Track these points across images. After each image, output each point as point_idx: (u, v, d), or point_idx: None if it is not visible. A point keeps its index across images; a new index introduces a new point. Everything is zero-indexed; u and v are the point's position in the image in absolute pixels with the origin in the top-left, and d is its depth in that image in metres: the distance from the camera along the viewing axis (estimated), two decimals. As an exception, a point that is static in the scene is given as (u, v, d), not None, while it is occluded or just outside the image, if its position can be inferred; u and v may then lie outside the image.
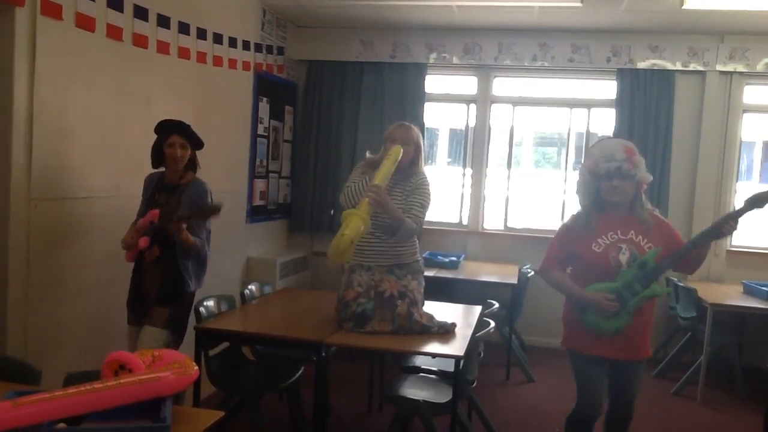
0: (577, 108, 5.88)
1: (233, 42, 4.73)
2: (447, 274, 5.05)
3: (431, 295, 3.55)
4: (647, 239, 2.84)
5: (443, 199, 5.96)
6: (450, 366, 2.93)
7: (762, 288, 4.77)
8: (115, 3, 3.46)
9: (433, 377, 3.34)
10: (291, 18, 5.71)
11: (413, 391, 3.18)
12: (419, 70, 5.81)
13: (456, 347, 2.93)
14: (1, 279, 2.91)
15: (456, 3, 4.91)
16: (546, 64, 5.65)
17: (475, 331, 3.18)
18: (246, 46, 4.94)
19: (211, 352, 3.24)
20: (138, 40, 3.65)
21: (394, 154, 3.13)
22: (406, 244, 3.25)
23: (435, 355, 3.01)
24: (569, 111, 5.92)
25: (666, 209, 5.43)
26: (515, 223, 6.04)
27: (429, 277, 4.09)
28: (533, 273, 5.05)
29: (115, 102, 3.52)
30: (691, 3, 4.57)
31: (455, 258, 5.37)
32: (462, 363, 2.85)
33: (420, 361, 3.44)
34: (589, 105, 5.84)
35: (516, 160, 6.90)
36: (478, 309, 3.63)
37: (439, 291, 4.50)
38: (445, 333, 3.10)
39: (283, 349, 3.62)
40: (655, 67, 5.47)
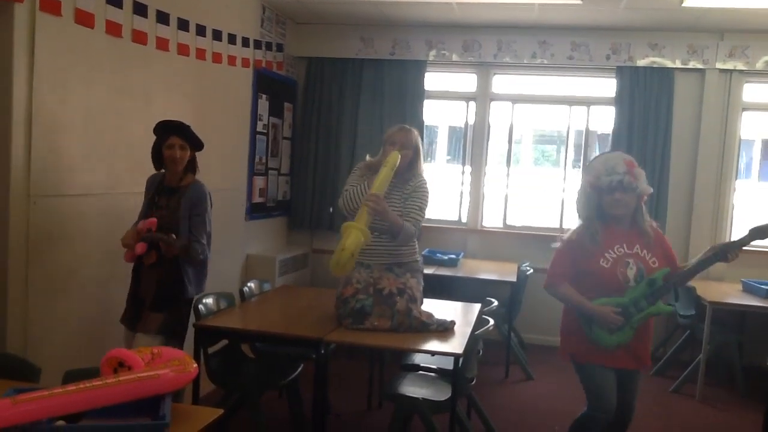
0: (577, 106, 5.87)
1: (233, 39, 4.72)
2: (446, 271, 5.05)
3: (430, 293, 3.55)
4: (651, 254, 2.90)
5: (442, 197, 5.96)
6: (449, 364, 2.93)
7: (761, 286, 4.77)
8: (115, -1, 3.46)
9: (433, 375, 3.35)
10: (290, 15, 5.70)
11: (412, 389, 3.18)
12: (419, 67, 5.81)
13: (455, 345, 2.93)
14: (1, 276, 2.91)
15: (456, 0, 4.91)
16: (545, 61, 5.64)
17: (474, 329, 3.18)
18: (245, 42, 4.93)
19: (211, 349, 3.24)
20: (137, 36, 3.64)
21: (391, 161, 3.12)
22: (405, 243, 3.24)
23: (434, 353, 3.01)
24: (569, 109, 5.91)
25: (665, 207, 5.43)
26: (514, 221, 6.04)
27: (428, 275, 4.09)
28: (532, 271, 5.05)
29: (115, 99, 3.51)
30: (691, 0, 4.57)
31: (454, 256, 5.37)
32: (461, 361, 2.85)
33: (419, 359, 3.44)
34: (589, 103, 5.83)
35: (515, 157, 6.90)
36: (477, 307, 3.63)
37: (438, 289, 4.50)
38: (444, 331, 3.10)
39: (283, 347, 3.63)
40: (655, 65, 5.46)
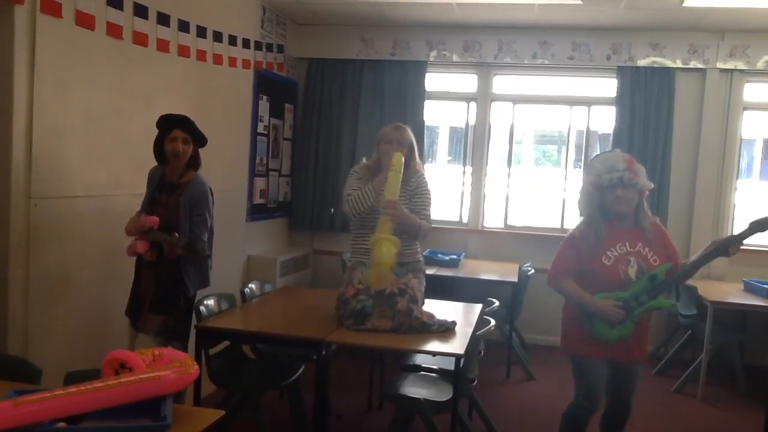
0: (578, 106, 5.87)
1: (233, 40, 4.72)
2: (447, 272, 5.05)
3: (431, 294, 3.55)
4: (652, 251, 2.93)
5: (444, 198, 5.96)
6: (450, 364, 2.93)
7: (763, 286, 4.76)
8: (115, 1, 3.45)
9: (434, 376, 3.35)
10: (291, 15, 5.70)
11: (414, 390, 3.18)
12: (419, 67, 5.80)
13: (456, 345, 2.93)
14: (2, 277, 2.91)
15: (456, 1, 4.91)
16: (546, 61, 5.64)
17: (476, 330, 3.18)
18: (246, 44, 4.93)
19: (212, 350, 3.24)
20: (138, 38, 3.64)
21: (397, 164, 3.13)
22: (406, 243, 3.25)
23: (435, 354, 3.01)
24: (569, 109, 5.91)
25: (666, 207, 5.43)
26: (515, 221, 6.03)
27: (429, 276, 4.08)
28: (534, 271, 5.05)
29: (115, 100, 3.51)
30: (692, 0, 4.56)
31: (455, 256, 5.36)
32: (462, 361, 2.85)
33: (420, 360, 3.44)
34: (590, 103, 5.83)
35: (516, 158, 6.90)
36: (478, 307, 3.62)
37: (440, 289, 4.49)
38: (446, 331, 3.10)
39: (284, 348, 3.63)
40: (656, 65, 5.46)
